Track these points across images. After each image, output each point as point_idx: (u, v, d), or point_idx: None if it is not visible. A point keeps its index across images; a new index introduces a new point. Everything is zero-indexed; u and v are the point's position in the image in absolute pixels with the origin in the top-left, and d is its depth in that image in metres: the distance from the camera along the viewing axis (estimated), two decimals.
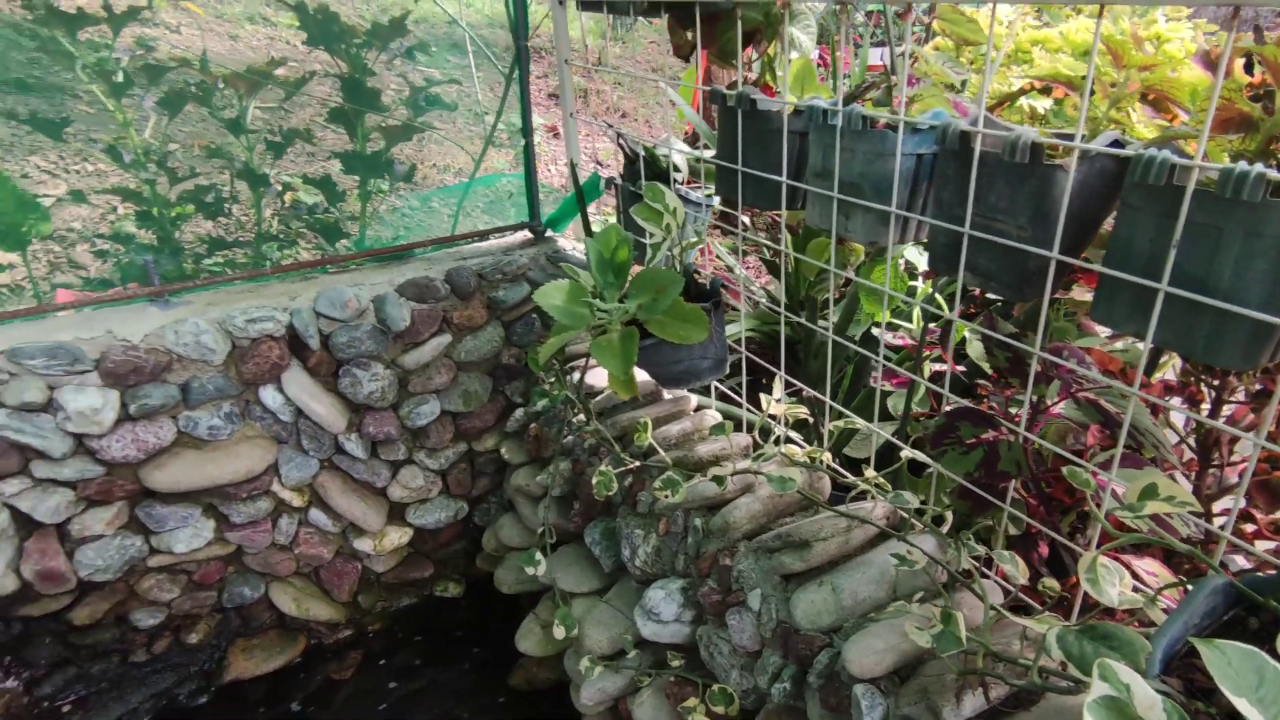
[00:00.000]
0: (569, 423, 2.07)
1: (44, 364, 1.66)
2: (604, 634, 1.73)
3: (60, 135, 2.23)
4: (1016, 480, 1.21)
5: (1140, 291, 0.93)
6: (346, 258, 2.25)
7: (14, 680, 1.79)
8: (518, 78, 2.29)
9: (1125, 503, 0.98)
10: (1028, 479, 1.27)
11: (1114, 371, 1.43)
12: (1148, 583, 1.16)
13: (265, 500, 2.00)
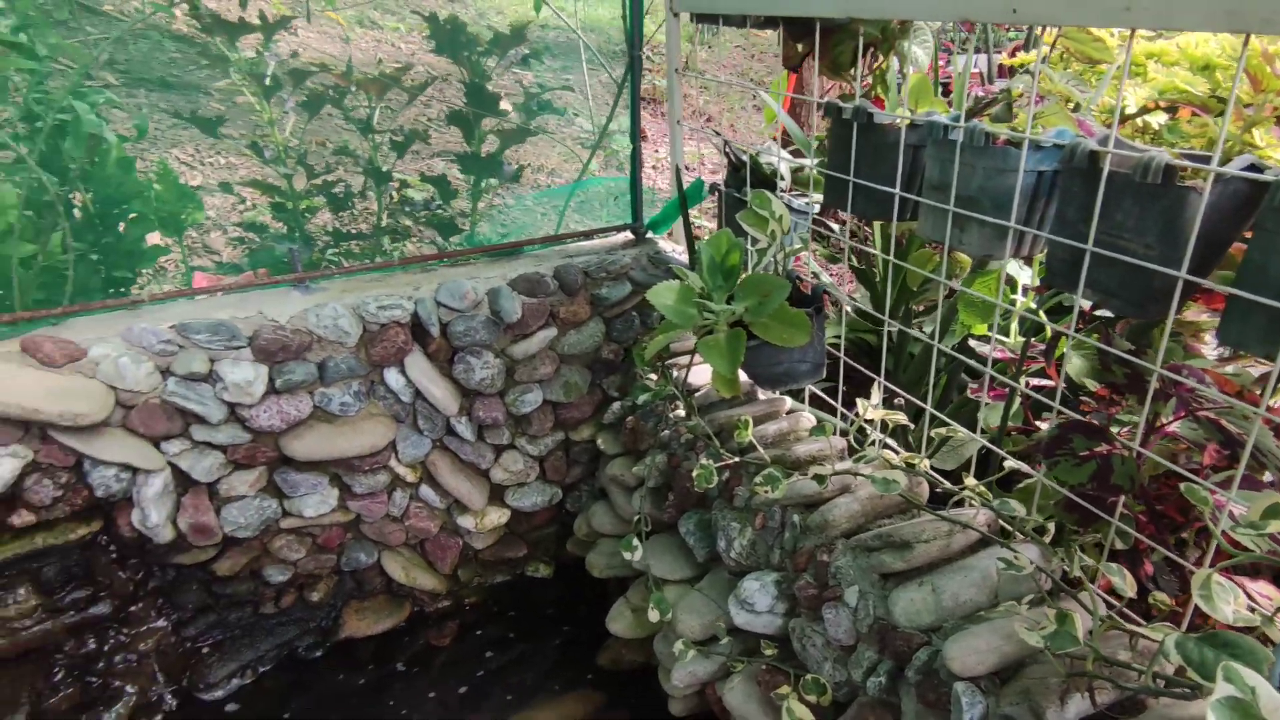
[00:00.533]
0: (666, 418, 2.16)
1: (207, 339, 1.85)
2: (696, 620, 1.81)
3: (216, 132, 2.46)
4: (1126, 495, 1.23)
5: (1274, 314, 0.95)
6: (463, 252, 2.40)
7: (164, 620, 2.00)
8: (629, 84, 2.40)
9: (1245, 522, 1.00)
10: (1138, 494, 1.29)
11: (1231, 392, 1.43)
12: (1260, 604, 1.17)
13: (383, 474, 2.17)
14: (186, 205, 2.32)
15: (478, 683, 2.20)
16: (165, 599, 2.00)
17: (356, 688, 2.16)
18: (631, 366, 2.43)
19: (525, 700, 2.14)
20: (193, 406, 1.84)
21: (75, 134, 1.97)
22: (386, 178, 2.69)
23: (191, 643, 2.06)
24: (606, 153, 4.78)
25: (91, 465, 1.76)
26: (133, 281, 2.17)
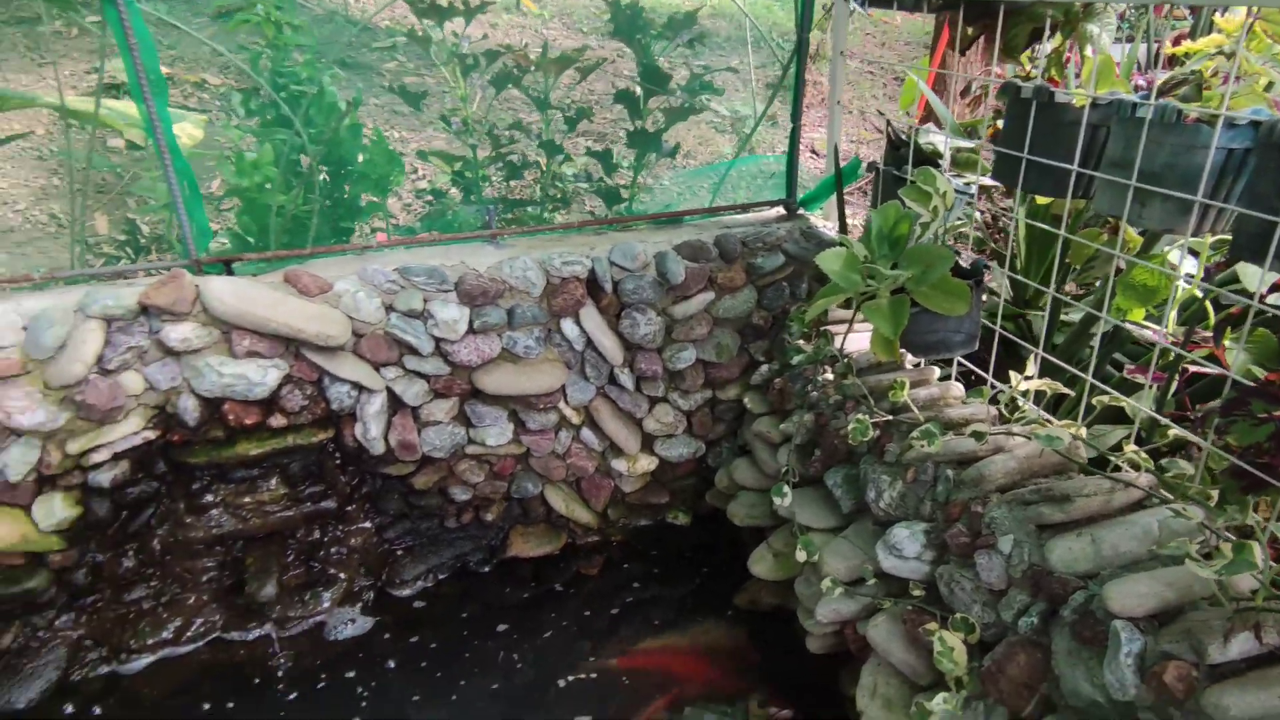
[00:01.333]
0: (814, 380, 2.30)
1: (423, 281, 2.14)
2: (842, 563, 1.95)
3: (419, 105, 2.78)
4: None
5: None
6: (632, 219, 2.61)
7: (369, 522, 2.33)
8: (795, 66, 2.53)
9: None
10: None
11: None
12: None
13: (553, 414, 2.42)
14: (394, 169, 2.64)
15: (623, 609, 2.43)
16: (372, 504, 2.33)
17: (519, 600, 2.43)
18: (779, 333, 2.58)
19: (666, 628, 2.35)
20: (409, 339, 2.13)
21: (319, 104, 2.31)
22: (559, 149, 2.94)
23: (389, 545, 2.39)
24: (740, 135, 4.92)
25: (330, 381, 2.08)
26: (353, 232, 2.51)
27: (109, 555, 2.05)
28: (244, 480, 2.07)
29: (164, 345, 1.91)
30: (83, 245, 3.23)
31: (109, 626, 2.10)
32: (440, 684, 2.13)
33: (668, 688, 2.14)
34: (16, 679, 1.98)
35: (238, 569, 2.20)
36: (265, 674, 2.14)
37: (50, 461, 1.87)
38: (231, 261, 2.08)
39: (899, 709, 1.78)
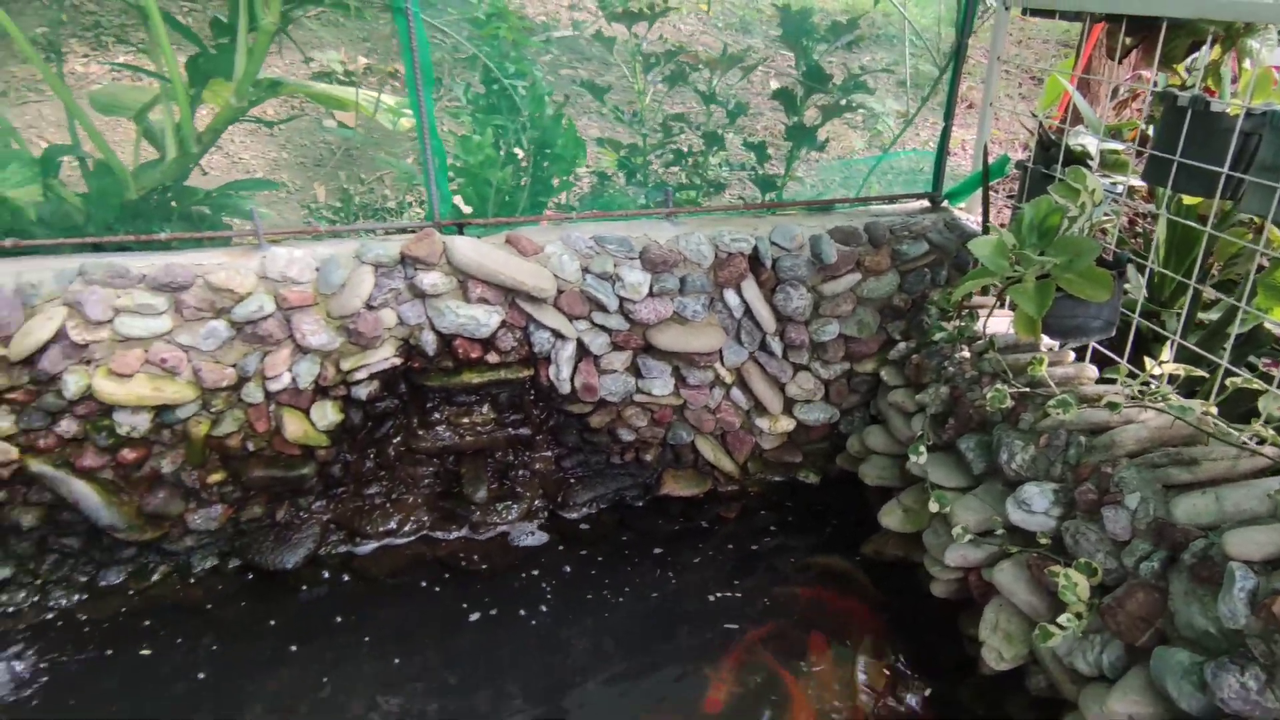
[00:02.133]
0: (950, 357, 2.54)
1: (615, 249, 2.52)
2: (972, 516, 2.20)
3: (603, 98, 3.17)
4: None
5: None
6: (788, 204, 2.92)
7: (550, 451, 2.76)
8: (952, 69, 2.75)
9: None
10: None
11: None
12: None
13: (710, 372, 2.76)
14: (579, 153, 3.04)
15: (761, 547, 2.75)
16: (553, 437, 2.75)
17: (669, 532, 2.80)
18: (917, 314, 2.82)
19: (799, 566, 2.66)
20: (599, 296, 2.52)
21: (534, 94, 2.72)
22: (720, 141, 3.26)
23: (564, 473, 2.81)
24: (871, 132, 5.10)
25: (535, 328, 2.50)
26: (546, 205, 2.93)
27: (356, 456, 2.55)
28: (464, 404, 2.52)
29: (415, 289, 2.37)
30: (307, 209, 3.83)
31: (349, 514, 2.61)
32: (608, 589, 2.52)
33: (800, 612, 2.46)
34: (285, 546, 2.52)
35: (448, 479, 2.67)
36: (465, 566, 2.60)
37: (326, 376, 2.38)
38: (464, 225, 2.53)
39: (1018, 642, 2.03)
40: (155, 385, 2.21)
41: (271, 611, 2.41)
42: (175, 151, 2.42)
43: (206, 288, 2.22)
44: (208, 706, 2.10)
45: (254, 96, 2.44)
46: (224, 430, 2.36)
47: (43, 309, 2.12)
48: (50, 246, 2.27)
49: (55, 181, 2.33)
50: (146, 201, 2.45)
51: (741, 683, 2.19)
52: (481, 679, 2.19)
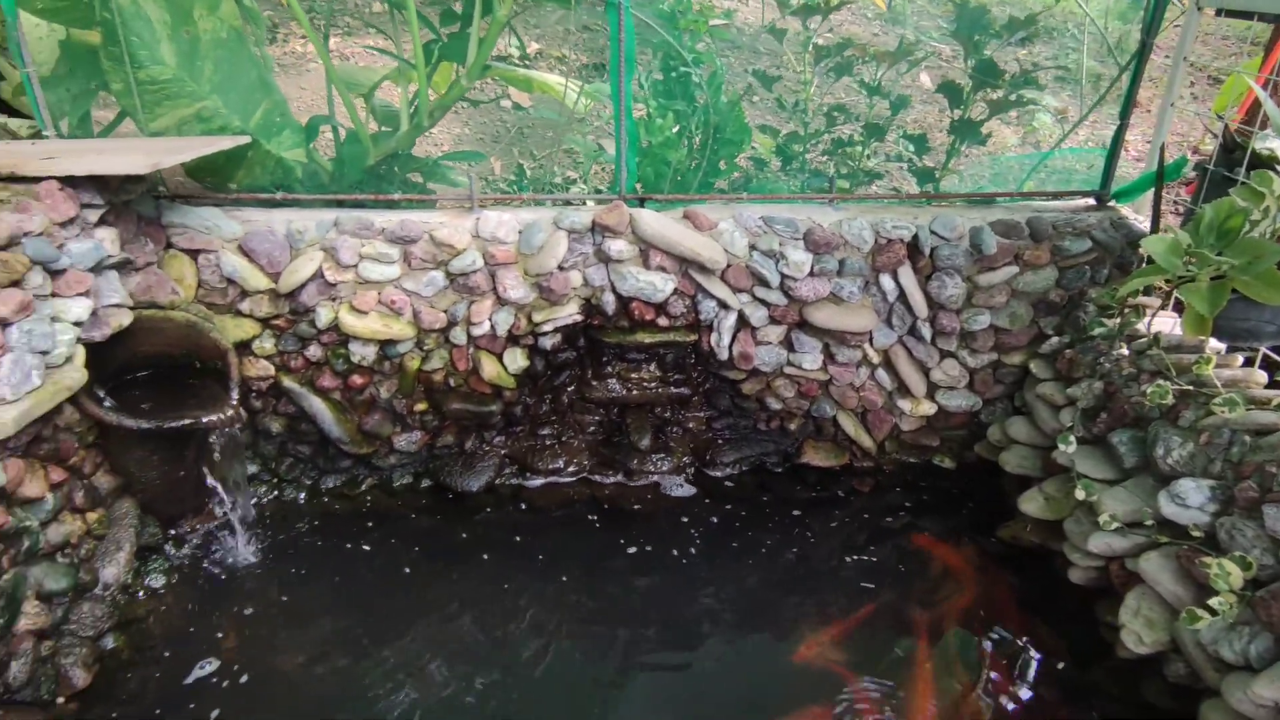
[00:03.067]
0: (1107, 353, 2.58)
1: (781, 229, 2.72)
2: (1120, 506, 2.26)
3: (771, 87, 3.35)
4: None
5: None
6: (950, 195, 3.01)
7: (703, 412, 3.00)
8: (1134, 68, 2.75)
9: None
10: None
11: None
12: None
13: (858, 352, 2.91)
14: (745, 137, 3.24)
15: (894, 521, 2.90)
16: (707, 399, 2.99)
17: (807, 498, 2.99)
18: (1073, 310, 2.86)
19: (931, 543, 2.79)
20: (763, 272, 2.73)
21: (713, 82, 2.94)
22: (881, 131, 3.38)
23: (713, 433, 3.05)
24: (1027, 128, 5.00)
25: (703, 297, 2.74)
26: (713, 186, 3.15)
27: (534, 400, 2.89)
28: (634, 361, 2.80)
29: (602, 254, 2.67)
30: (484, 180, 4.23)
31: (523, 451, 2.96)
32: (751, 542, 2.75)
33: (932, 584, 2.59)
34: (471, 472, 2.90)
35: (609, 429, 2.97)
36: (621, 507, 2.89)
37: (519, 326, 2.71)
38: (644, 200, 2.79)
39: (1160, 629, 2.10)
40: (384, 322, 2.61)
41: (460, 525, 2.79)
42: (408, 124, 2.81)
43: (431, 242, 2.59)
44: (414, 593, 2.49)
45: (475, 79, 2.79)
46: (431, 366, 2.74)
47: (305, 252, 2.56)
48: (307, 201, 2.70)
49: (311, 147, 2.76)
50: (379, 166, 2.86)
51: (868, 646, 2.36)
52: (626, 611, 2.46)
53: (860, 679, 2.22)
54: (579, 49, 5.33)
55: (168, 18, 2.44)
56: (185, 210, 2.49)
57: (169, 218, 2.45)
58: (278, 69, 4.41)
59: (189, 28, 2.46)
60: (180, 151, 2.17)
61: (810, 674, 2.26)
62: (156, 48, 2.43)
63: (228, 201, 2.62)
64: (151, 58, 2.43)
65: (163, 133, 2.53)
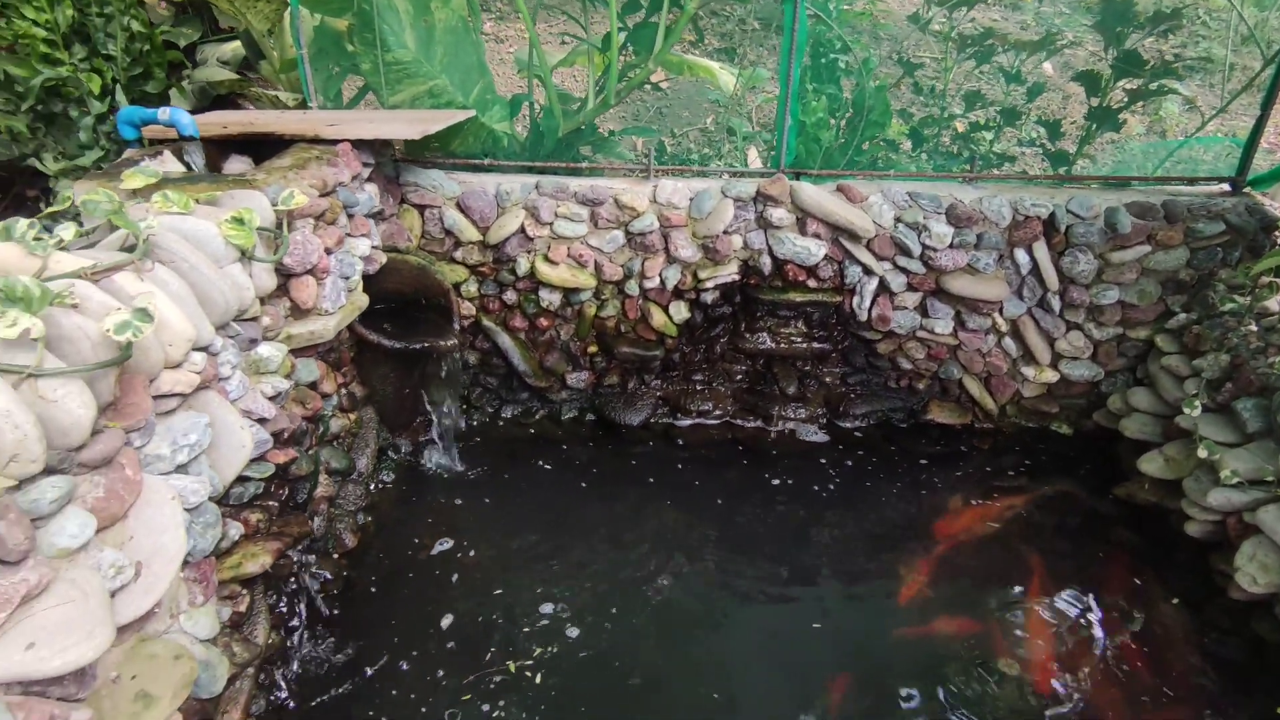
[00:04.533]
0: (1236, 329, 2.77)
1: (926, 203, 3.00)
2: (1244, 465, 2.48)
3: (913, 74, 3.60)
4: None
5: None
6: (1086, 177, 3.22)
7: (839, 368, 3.33)
8: (1278, 61, 2.89)
9: None
10: None
11: None
12: None
13: (988, 320, 3.17)
14: (888, 120, 3.51)
15: (1016, 476, 3.16)
16: (843, 356, 3.32)
17: (930, 451, 3.28)
18: (1202, 289, 3.03)
19: (1053, 498, 3.04)
20: (906, 242, 3.02)
21: (865, 68, 3.23)
22: (1016, 115, 3.59)
23: (846, 388, 3.37)
24: (1153, 117, 5.04)
25: (849, 263, 3.06)
26: (858, 163, 3.44)
27: (690, 349, 3.28)
28: (784, 317, 3.15)
29: (764, 220, 3.01)
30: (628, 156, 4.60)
31: (676, 394, 3.36)
32: (881, 484, 3.07)
33: (1055, 531, 2.86)
34: (631, 409, 3.31)
35: (754, 378, 3.34)
36: (759, 448, 3.26)
37: (685, 281, 3.10)
38: (800, 173, 3.12)
39: (1274, 572, 2.32)
40: (572, 273, 3.04)
41: (620, 455, 3.21)
42: (593, 102, 3.22)
43: (615, 205, 2.99)
44: (588, 505, 2.93)
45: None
46: (606, 314, 3.16)
47: (510, 210, 3.00)
48: (508, 167, 3.15)
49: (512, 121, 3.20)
50: (567, 139, 3.28)
51: (984, 586, 2.65)
52: (758, 536, 2.81)
53: (974, 617, 2.52)
54: (744, 39, 5.64)
55: (410, 8, 2.90)
56: (418, 171, 2.96)
57: (405, 177, 2.93)
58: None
59: (427, 17, 2.92)
60: (434, 121, 2.63)
61: (916, 610, 2.56)
62: (402, 34, 2.91)
63: (446, 165, 3.09)
64: (398, 42, 2.90)
65: (399, 106, 3.01)
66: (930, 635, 2.45)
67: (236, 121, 2.46)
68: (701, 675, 2.29)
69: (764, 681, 2.27)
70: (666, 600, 2.54)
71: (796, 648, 2.40)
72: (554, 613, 2.43)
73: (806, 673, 2.30)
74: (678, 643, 2.40)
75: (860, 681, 2.28)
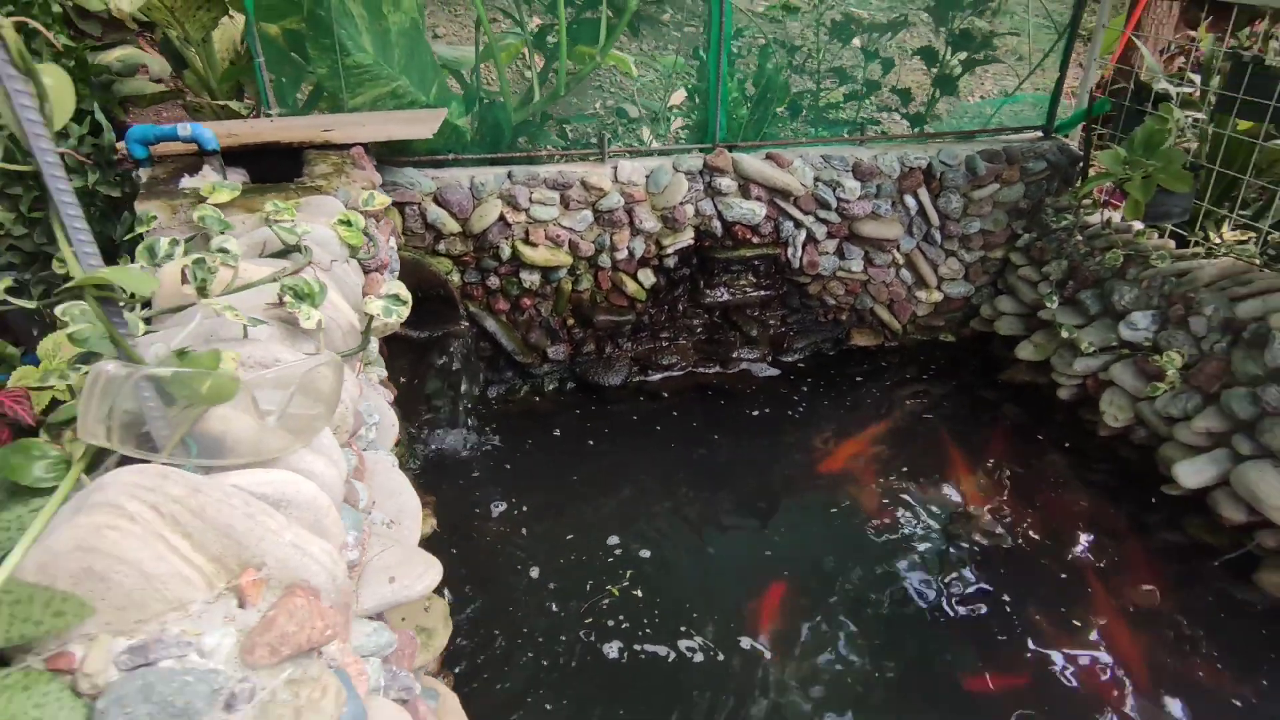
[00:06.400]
0: (1066, 241, 3.65)
1: (837, 163, 3.60)
2: (1094, 338, 3.33)
3: (793, 55, 4.19)
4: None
5: None
6: (945, 134, 3.98)
7: (779, 311, 3.87)
8: (1068, 34, 3.79)
9: None
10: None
11: None
12: None
13: (889, 255, 3.87)
14: (784, 95, 4.08)
15: (919, 377, 3.90)
16: (782, 300, 3.87)
17: (858, 370, 3.94)
18: (1037, 213, 3.91)
19: (951, 390, 3.81)
20: (825, 197, 3.61)
21: (764, 52, 3.76)
22: (877, 87, 4.31)
23: (786, 328, 3.93)
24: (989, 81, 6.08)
25: (783, 219, 3.59)
26: (765, 134, 3.97)
27: (657, 310, 3.66)
28: (736, 272, 3.63)
29: (712, 189, 3.46)
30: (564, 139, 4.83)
31: (645, 354, 3.74)
32: (822, 402, 3.67)
33: (959, 410, 3.62)
34: (610, 371, 3.65)
35: (710, 330, 3.79)
36: (722, 389, 3.74)
37: (649, 250, 3.47)
38: (732, 146, 3.59)
39: (1127, 410, 3.18)
40: (551, 252, 3.31)
41: (603, 413, 3.55)
42: (540, 94, 3.47)
43: (582, 187, 3.29)
44: (589, 461, 3.25)
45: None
46: (581, 287, 3.46)
47: (488, 200, 3.20)
48: (470, 160, 3.32)
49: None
50: (519, 129, 3.50)
51: (918, 455, 3.34)
52: (726, 458, 3.32)
53: (914, 486, 3.19)
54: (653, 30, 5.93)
55: (365, 13, 2.99)
56: (394, 170, 3.07)
57: (386, 176, 3.03)
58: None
59: (382, 20, 3.02)
60: (429, 120, 2.78)
61: (860, 486, 3.21)
62: (359, 38, 2.99)
63: (415, 163, 3.20)
64: (356, 46, 2.98)
65: (360, 108, 3.09)
66: (876, 500, 3.07)
67: (242, 132, 2.47)
68: (735, 555, 2.76)
69: (752, 549, 2.80)
70: (689, 516, 2.95)
71: (766, 528, 2.93)
72: (621, 542, 2.76)
73: (774, 548, 2.84)
74: (713, 545, 2.84)
75: (828, 551, 2.84)
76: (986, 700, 2.29)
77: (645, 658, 2.37)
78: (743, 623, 2.50)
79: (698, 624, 2.48)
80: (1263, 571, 2.61)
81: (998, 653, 2.42)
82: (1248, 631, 2.49)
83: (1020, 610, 2.57)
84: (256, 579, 0.87)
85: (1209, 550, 2.77)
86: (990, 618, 2.55)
